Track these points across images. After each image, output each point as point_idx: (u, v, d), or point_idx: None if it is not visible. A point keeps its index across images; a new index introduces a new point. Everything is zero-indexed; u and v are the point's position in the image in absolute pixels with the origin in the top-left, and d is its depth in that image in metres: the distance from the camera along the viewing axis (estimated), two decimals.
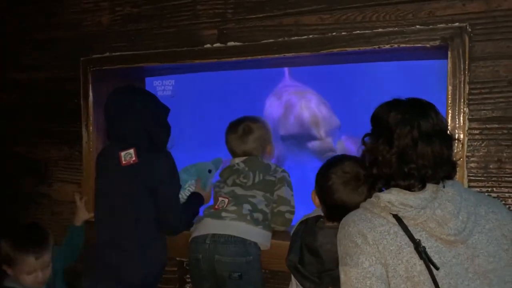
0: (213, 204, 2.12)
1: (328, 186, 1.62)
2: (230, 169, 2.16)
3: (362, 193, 1.57)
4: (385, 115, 1.46)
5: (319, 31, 1.98)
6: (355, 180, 1.59)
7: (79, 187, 2.59)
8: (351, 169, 1.60)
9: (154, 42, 2.35)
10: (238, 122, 2.23)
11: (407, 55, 2.11)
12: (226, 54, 2.16)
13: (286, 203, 2.13)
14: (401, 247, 1.33)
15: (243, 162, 2.15)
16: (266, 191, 2.11)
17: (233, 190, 2.12)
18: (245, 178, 2.09)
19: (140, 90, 2.18)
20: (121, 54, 2.42)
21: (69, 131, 2.62)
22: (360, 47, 1.88)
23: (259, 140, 2.19)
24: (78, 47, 2.54)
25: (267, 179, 2.12)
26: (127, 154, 2.00)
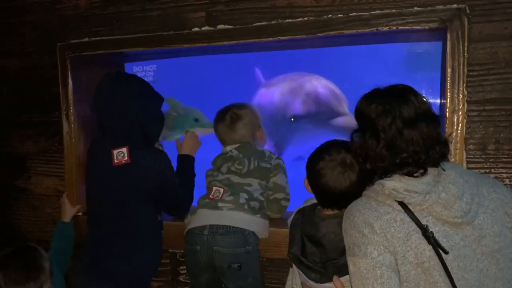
0: (207, 193, 2.06)
1: (316, 172, 1.62)
2: (223, 156, 2.11)
3: (348, 178, 1.58)
4: (366, 108, 1.46)
5: (314, 13, 1.93)
6: (342, 165, 1.59)
7: (61, 180, 2.47)
8: (337, 154, 1.60)
9: (137, 26, 2.23)
10: (224, 111, 2.18)
11: (401, 37, 2.09)
12: (216, 38, 2.08)
13: (282, 190, 2.11)
14: (409, 233, 1.33)
15: (236, 149, 2.10)
16: (261, 178, 2.07)
17: (228, 178, 2.06)
18: (240, 165, 2.04)
19: (132, 77, 2.05)
20: (101, 39, 2.29)
21: (46, 122, 2.48)
22: (358, 29, 1.85)
23: (248, 126, 2.15)
24: (54, 32, 2.38)
25: (262, 166, 2.08)
26: (119, 153, 1.91)
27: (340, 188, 1.59)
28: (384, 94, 1.48)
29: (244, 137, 2.13)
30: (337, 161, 1.60)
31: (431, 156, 1.38)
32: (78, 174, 2.41)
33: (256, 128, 2.20)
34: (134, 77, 2.06)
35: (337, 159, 1.60)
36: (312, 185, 1.68)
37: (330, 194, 1.62)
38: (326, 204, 1.68)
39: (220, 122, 2.16)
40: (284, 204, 2.11)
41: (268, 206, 2.09)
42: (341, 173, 1.58)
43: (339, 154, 1.60)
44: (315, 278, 1.65)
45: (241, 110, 2.16)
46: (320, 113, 3.20)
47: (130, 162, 1.89)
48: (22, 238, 2.58)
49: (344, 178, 1.58)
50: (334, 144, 1.66)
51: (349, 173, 1.59)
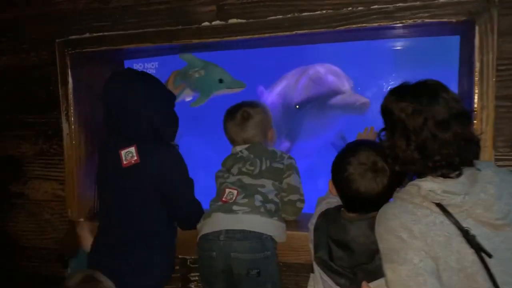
0: (219, 196, 1.96)
1: (344, 178, 1.52)
2: (233, 157, 2.01)
3: (381, 182, 1.49)
4: (395, 106, 1.38)
5: (333, 6, 1.84)
6: (372, 170, 1.49)
7: (60, 184, 2.33)
8: (367, 159, 1.50)
9: (142, 21, 2.11)
10: (235, 108, 2.07)
11: (416, 31, 2.02)
12: (228, 33, 1.97)
13: (296, 191, 2.02)
14: (449, 237, 1.26)
15: (246, 149, 2.00)
16: (275, 179, 1.98)
17: (240, 179, 1.97)
18: (251, 165, 1.95)
19: (143, 75, 1.93)
20: (104, 34, 2.16)
21: (44, 123, 2.34)
22: (381, 22, 1.76)
23: (260, 126, 2.05)
24: (52, 27, 2.24)
25: (274, 166, 1.99)
26: (127, 153, 1.80)
27: (372, 193, 1.50)
28: (414, 91, 1.40)
29: (255, 136, 2.04)
30: (367, 165, 1.50)
31: (465, 157, 1.32)
32: (79, 178, 2.28)
33: (268, 127, 2.10)
34: (144, 74, 1.94)
35: (367, 163, 1.50)
36: (339, 190, 1.60)
37: (360, 199, 1.54)
38: (354, 208, 1.60)
39: (230, 120, 2.06)
40: (300, 205, 2.03)
41: (283, 208, 2.00)
42: (372, 178, 1.49)
43: (368, 158, 1.51)
44: (344, 285, 1.56)
45: (253, 109, 2.06)
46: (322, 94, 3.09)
47: (139, 161, 1.78)
48: (19, 246, 2.44)
49: (376, 183, 1.49)
50: (361, 146, 1.56)
51: (381, 178, 1.49)
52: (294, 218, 2.04)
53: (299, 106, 3.17)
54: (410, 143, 1.34)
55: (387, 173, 1.50)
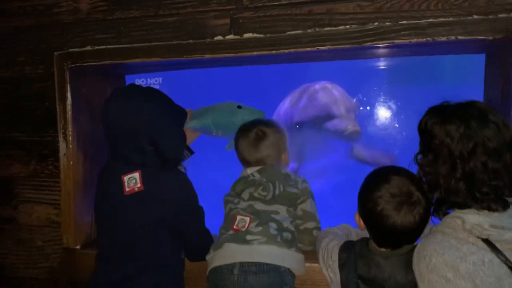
0: (229, 223, 1.79)
1: (377, 213, 1.37)
2: (244, 180, 1.85)
3: (418, 214, 1.35)
4: (438, 129, 1.27)
5: (357, 21, 1.72)
6: (409, 202, 1.35)
7: (55, 208, 2.14)
8: (400, 189, 1.36)
9: (149, 34, 1.96)
10: (249, 127, 1.93)
11: (438, 49, 1.91)
12: (244, 48, 1.83)
13: (313, 218, 1.87)
14: (500, 278, 1.14)
15: (258, 172, 1.84)
16: (289, 205, 1.82)
17: (251, 205, 1.80)
18: (264, 190, 1.79)
19: (146, 91, 1.76)
20: (107, 48, 2.00)
21: (39, 142, 2.16)
22: (412, 39, 1.64)
23: (274, 147, 1.90)
24: (50, 39, 2.08)
25: (288, 191, 1.83)
26: (130, 179, 1.63)
27: (409, 227, 1.36)
28: (462, 113, 1.28)
29: (268, 157, 1.88)
30: (402, 197, 1.36)
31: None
32: (76, 202, 2.09)
33: (282, 149, 1.95)
34: (148, 90, 1.78)
35: (402, 195, 1.36)
36: (370, 225, 1.45)
37: (396, 234, 1.39)
38: (386, 243, 1.45)
39: (243, 138, 1.91)
40: (316, 234, 1.86)
41: (299, 237, 1.84)
42: (409, 211, 1.35)
43: (402, 188, 1.37)
44: None
45: (269, 128, 1.91)
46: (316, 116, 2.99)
47: (143, 189, 1.62)
48: (6, 277, 2.22)
49: (413, 216, 1.35)
50: (392, 173, 1.42)
51: (418, 209, 1.36)
52: (312, 248, 1.87)
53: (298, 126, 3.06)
54: (456, 171, 1.23)
55: (423, 203, 1.37)
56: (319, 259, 1.69)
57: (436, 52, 1.96)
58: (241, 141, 1.92)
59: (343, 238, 1.68)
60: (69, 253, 2.09)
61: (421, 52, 1.96)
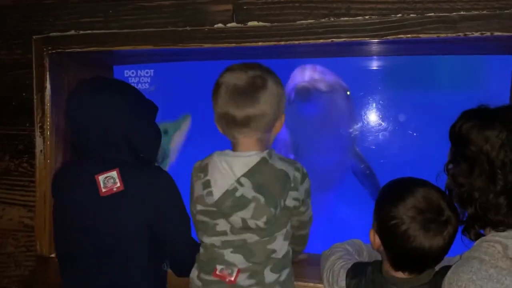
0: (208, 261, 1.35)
1: (400, 233, 1.17)
2: (231, 196, 1.25)
3: (448, 235, 1.16)
4: (476, 135, 1.13)
5: (378, 11, 1.51)
6: (438, 220, 1.16)
7: (29, 211, 1.91)
8: (428, 204, 1.17)
9: (141, 19, 1.74)
10: (243, 68, 1.31)
11: (465, 47, 1.72)
12: (247, 37, 1.63)
13: (308, 226, 1.50)
14: None
15: (247, 177, 1.26)
16: (286, 223, 1.35)
17: (244, 240, 1.30)
18: (267, 222, 1.26)
19: (117, 83, 1.60)
20: (93, 32, 1.78)
21: (14, 136, 1.93)
22: (440, 34, 1.44)
23: (274, 103, 1.30)
24: (29, 22, 1.85)
25: (288, 207, 1.32)
26: (108, 179, 1.43)
27: (437, 250, 1.17)
28: (501, 117, 1.13)
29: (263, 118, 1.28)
30: (431, 213, 1.17)
31: None
32: (52, 205, 1.86)
33: (282, 111, 1.36)
34: (118, 82, 1.61)
35: (431, 211, 1.17)
36: (390, 246, 1.24)
37: (419, 258, 1.20)
38: (405, 267, 1.26)
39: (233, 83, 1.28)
40: (308, 236, 1.56)
41: (292, 240, 1.45)
42: (439, 232, 1.16)
43: (430, 202, 1.18)
44: None
45: (270, 76, 1.31)
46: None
47: (124, 188, 1.42)
48: None
49: (443, 237, 1.16)
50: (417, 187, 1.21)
51: (449, 229, 1.17)
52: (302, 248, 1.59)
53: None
54: (496, 183, 1.09)
55: (454, 222, 1.18)
56: (323, 281, 1.49)
57: (462, 50, 1.77)
58: (225, 85, 1.28)
59: (352, 258, 1.47)
60: (42, 261, 1.87)
61: (444, 49, 1.77)
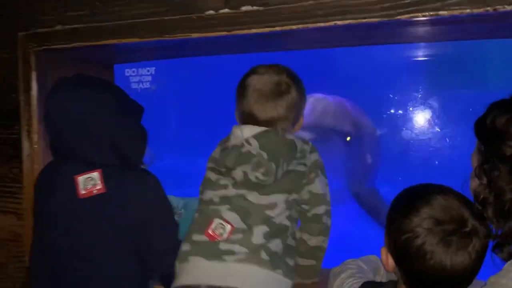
0: (203, 223, 1.33)
1: (415, 248, 0.98)
2: (237, 150, 1.33)
3: (474, 251, 0.96)
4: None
5: None
6: (460, 232, 0.96)
7: (19, 219, 1.80)
8: (447, 213, 0.97)
9: (128, 10, 1.59)
10: (270, 71, 1.40)
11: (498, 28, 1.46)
12: (239, 24, 1.44)
13: (323, 201, 1.41)
14: None
15: (255, 138, 1.33)
16: (290, 191, 1.35)
17: (243, 196, 1.33)
18: (266, 174, 1.30)
19: (99, 82, 1.53)
20: (78, 27, 1.65)
21: (4, 140, 1.82)
22: (463, 10, 1.19)
23: (295, 107, 1.41)
24: (14, 18, 1.75)
25: (294, 171, 1.36)
26: (88, 180, 1.32)
27: (461, 269, 0.95)
28: None
29: (283, 121, 1.39)
30: (452, 224, 0.96)
31: None
32: None
33: (301, 114, 1.47)
34: (102, 81, 1.55)
35: (451, 222, 0.96)
36: (403, 266, 1.03)
37: (440, 279, 0.97)
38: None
39: (258, 85, 1.38)
40: (326, 221, 1.43)
41: (305, 227, 1.41)
42: (463, 247, 0.95)
43: (451, 211, 0.97)
44: None
45: (294, 82, 1.41)
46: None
47: (106, 191, 1.30)
48: None
49: (468, 253, 0.95)
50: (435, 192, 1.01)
51: (475, 243, 0.96)
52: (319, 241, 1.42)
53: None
54: None
55: (482, 234, 0.97)
56: None
57: (496, 32, 1.50)
58: (252, 88, 1.38)
59: (366, 276, 1.24)
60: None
61: (472, 32, 1.50)
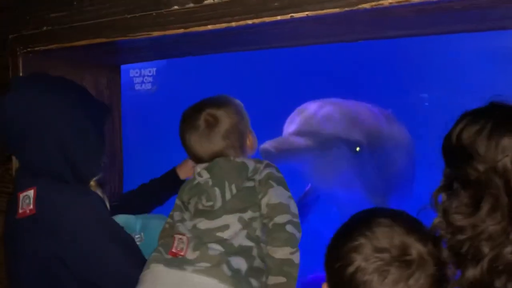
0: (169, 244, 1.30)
1: (347, 279, 0.87)
2: (190, 185, 1.40)
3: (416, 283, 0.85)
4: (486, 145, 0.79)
5: None
6: (400, 261, 0.84)
7: None
8: (389, 240, 0.86)
9: (102, 8, 1.51)
10: (194, 112, 1.42)
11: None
12: (196, 20, 1.27)
13: (283, 210, 1.30)
14: None
15: (206, 169, 1.35)
16: (243, 209, 1.30)
17: (195, 225, 1.30)
18: (208, 199, 1.31)
19: (56, 81, 1.41)
20: (55, 28, 1.61)
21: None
22: None
23: (233, 133, 1.40)
24: (6, 20, 1.75)
25: (243, 189, 1.33)
26: (25, 198, 1.24)
27: None
28: None
29: (227, 148, 1.40)
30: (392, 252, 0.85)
31: None
32: None
33: (244, 133, 1.44)
34: (59, 80, 1.41)
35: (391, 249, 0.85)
36: None
37: None
38: None
39: (190, 130, 1.41)
40: (292, 230, 1.29)
41: (268, 240, 1.29)
42: (403, 278, 0.84)
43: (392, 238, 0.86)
44: None
45: (220, 110, 1.40)
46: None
47: (35, 212, 1.21)
48: None
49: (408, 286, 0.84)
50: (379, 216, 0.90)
51: (418, 276, 0.85)
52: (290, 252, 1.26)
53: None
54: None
55: (429, 269, 0.85)
56: None
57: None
58: (188, 133, 1.41)
59: None
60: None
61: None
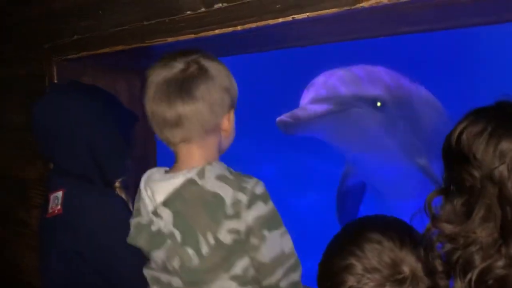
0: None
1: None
2: (147, 231, 1.07)
3: None
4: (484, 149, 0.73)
5: None
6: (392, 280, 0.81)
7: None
8: (379, 260, 0.82)
9: (122, 16, 1.58)
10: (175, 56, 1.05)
11: None
12: (206, 25, 1.31)
13: (274, 268, 1.06)
14: None
15: (166, 206, 1.04)
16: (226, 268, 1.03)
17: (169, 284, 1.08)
18: (183, 263, 1.03)
19: (88, 89, 1.48)
20: (83, 37, 1.70)
21: None
22: None
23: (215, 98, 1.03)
24: (41, 31, 1.87)
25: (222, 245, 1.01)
26: (54, 199, 1.33)
27: None
28: None
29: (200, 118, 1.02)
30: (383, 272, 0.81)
31: None
32: None
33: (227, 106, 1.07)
34: (90, 87, 1.48)
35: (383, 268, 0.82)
36: None
37: None
38: None
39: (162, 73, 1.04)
40: (294, 279, 1.09)
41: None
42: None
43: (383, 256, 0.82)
44: None
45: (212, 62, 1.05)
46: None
47: (61, 213, 1.29)
48: (23, 281, 2.15)
49: None
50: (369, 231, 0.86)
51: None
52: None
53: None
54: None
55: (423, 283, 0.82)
56: None
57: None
58: (155, 80, 1.03)
59: None
60: None
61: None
